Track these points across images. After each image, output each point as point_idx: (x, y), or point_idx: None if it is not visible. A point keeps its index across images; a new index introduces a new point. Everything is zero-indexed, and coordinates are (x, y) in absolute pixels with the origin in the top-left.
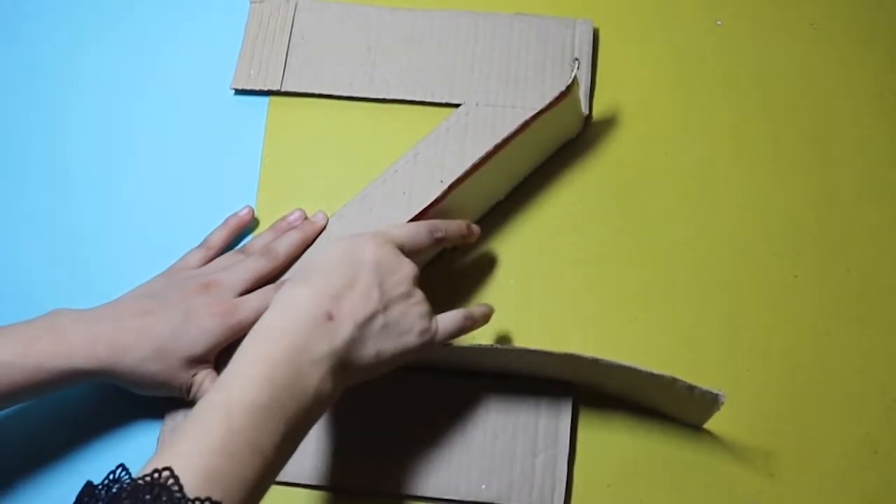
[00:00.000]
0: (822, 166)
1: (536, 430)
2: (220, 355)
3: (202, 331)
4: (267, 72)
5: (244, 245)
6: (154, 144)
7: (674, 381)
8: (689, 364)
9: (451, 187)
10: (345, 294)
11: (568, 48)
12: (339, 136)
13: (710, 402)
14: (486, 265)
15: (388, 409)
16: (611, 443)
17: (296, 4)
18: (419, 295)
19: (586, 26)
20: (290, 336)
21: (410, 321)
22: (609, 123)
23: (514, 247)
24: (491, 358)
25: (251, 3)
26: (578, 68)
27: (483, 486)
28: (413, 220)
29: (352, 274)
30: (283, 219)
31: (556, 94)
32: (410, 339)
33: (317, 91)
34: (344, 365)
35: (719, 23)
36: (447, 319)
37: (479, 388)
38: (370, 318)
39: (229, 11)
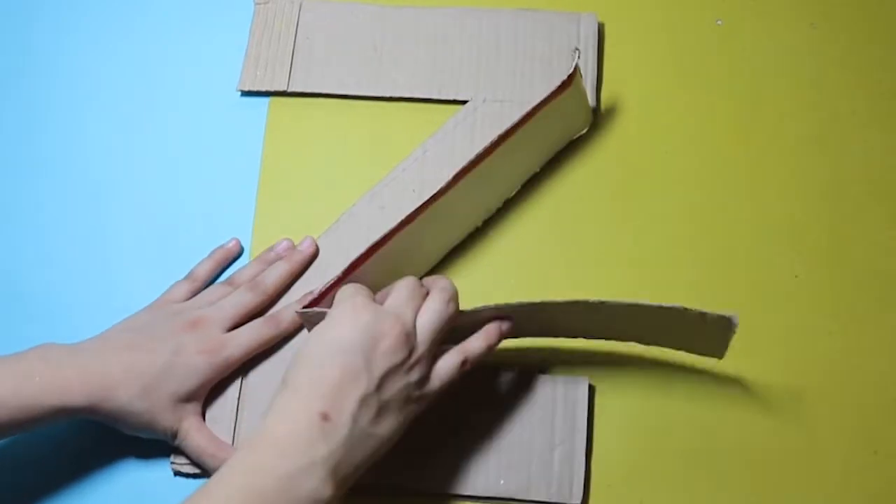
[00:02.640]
0: (823, 166)
1: (553, 423)
2: (209, 393)
3: (190, 369)
4: (273, 73)
5: (231, 277)
6: (157, 146)
7: (684, 310)
8: (689, 363)
9: (458, 177)
10: (334, 387)
11: (573, 42)
12: (344, 135)
13: (725, 326)
14: (486, 263)
15: None
16: (625, 438)
17: (300, 5)
18: (415, 353)
19: (591, 20)
20: (281, 444)
21: (409, 391)
22: (613, 118)
23: (514, 245)
24: (503, 316)
25: (256, 3)
26: (579, 57)
27: (501, 482)
28: (415, 212)
29: (335, 362)
30: (271, 249)
31: (557, 83)
32: (412, 407)
33: (323, 91)
34: (346, 461)
35: (719, 22)
36: (444, 369)
37: (494, 383)
38: (364, 404)
39: (233, 13)
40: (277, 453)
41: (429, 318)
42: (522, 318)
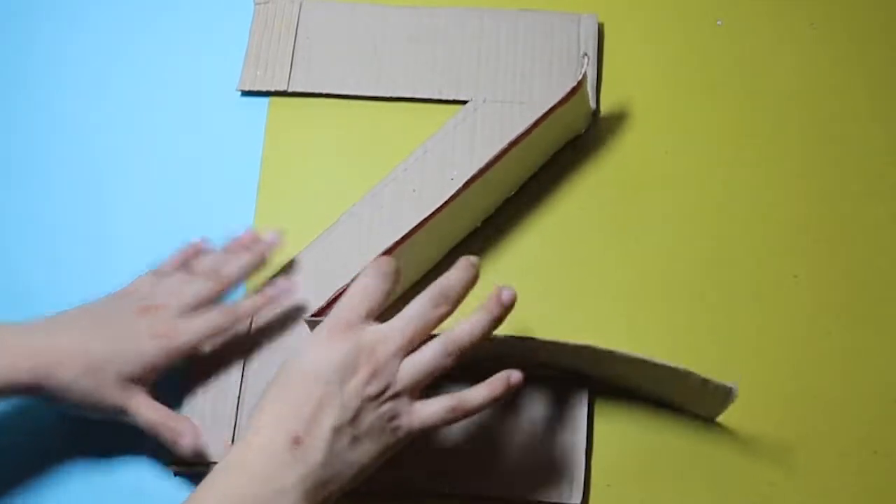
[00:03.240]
0: (822, 166)
1: (553, 424)
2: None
3: (140, 352)
4: (273, 72)
5: (190, 264)
6: (157, 146)
7: (688, 374)
8: (689, 364)
9: (466, 185)
10: (308, 412)
11: (573, 43)
12: (344, 135)
13: (724, 395)
14: (485, 263)
15: None
16: (624, 438)
17: (300, 4)
18: (391, 390)
19: (591, 21)
20: (252, 467)
21: (383, 423)
22: (613, 119)
23: (513, 245)
24: (507, 349)
25: (256, 3)
26: (588, 64)
27: (501, 482)
28: (423, 221)
29: (308, 389)
30: (236, 239)
31: (566, 89)
32: (387, 438)
33: (324, 91)
34: (320, 485)
35: (719, 23)
36: (429, 410)
37: None
38: (338, 432)
39: (233, 13)
40: (249, 477)
41: (416, 363)
42: (529, 349)
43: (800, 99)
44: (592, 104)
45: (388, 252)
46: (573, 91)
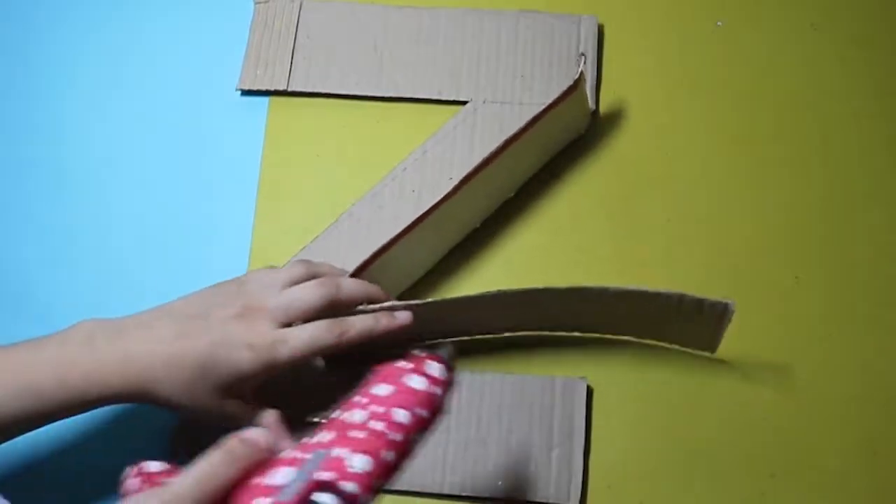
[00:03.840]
0: (823, 167)
1: (552, 425)
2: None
3: (232, 364)
4: (273, 72)
5: (313, 265)
6: (157, 145)
7: (682, 296)
8: (689, 365)
9: (462, 183)
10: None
11: (573, 44)
12: (344, 135)
13: (721, 313)
14: (485, 264)
15: None
16: (624, 438)
17: (300, 4)
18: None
19: (591, 22)
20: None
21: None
22: (612, 120)
23: (513, 246)
24: (496, 306)
25: (256, 3)
26: (585, 63)
27: (499, 483)
28: (419, 218)
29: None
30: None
31: (563, 89)
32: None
33: (323, 91)
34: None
35: (719, 24)
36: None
37: (492, 384)
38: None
39: (233, 12)
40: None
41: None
42: (517, 304)
43: (800, 100)
44: (592, 104)
45: (380, 252)
46: (569, 90)
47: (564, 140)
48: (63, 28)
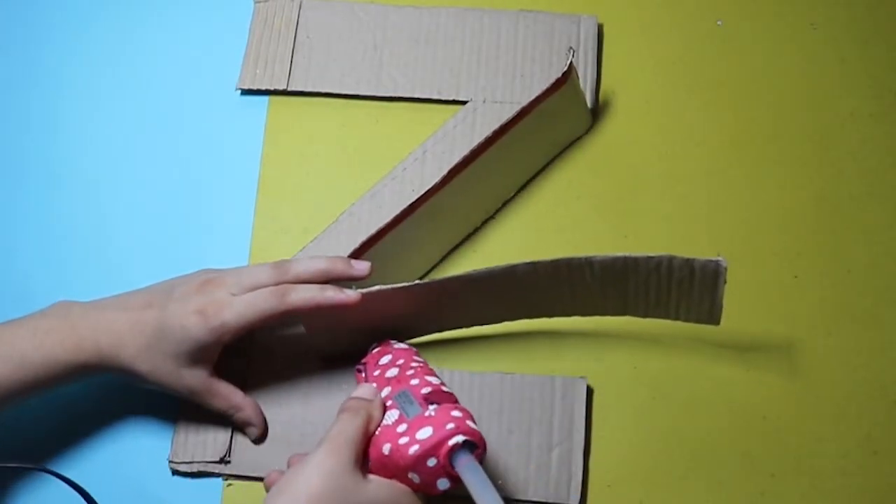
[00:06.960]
0: (823, 166)
1: (551, 424)
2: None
3: (184, 330)
4: (273, 71)
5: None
6: (157, 145)
7: (671, 258)
8: (690, 366)
9: (452, 173)
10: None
11: (573, 43)
12: (343, 134)
13: (713, 273)
14: (484, 264)
15: None
16: (624, 438)
17: (300, 3)
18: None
19: (591, 22)
20: None
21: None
22: (613, 119)
23: (513, 246)
24: (481, 289)
25: (255, 2)
26: (574, 55)
27: (499, 482)
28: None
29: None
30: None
31: (550, 80)
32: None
33: (323, 90)
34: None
35: (719, 23)
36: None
37: (492, 384)
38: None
39: (233, 11)
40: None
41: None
42: (502, 283)
43: (800, 99)
44: (591, 104)
45: (371, 242)
46: (558, 83)
47: (565, 141)
48: (63, 27)
